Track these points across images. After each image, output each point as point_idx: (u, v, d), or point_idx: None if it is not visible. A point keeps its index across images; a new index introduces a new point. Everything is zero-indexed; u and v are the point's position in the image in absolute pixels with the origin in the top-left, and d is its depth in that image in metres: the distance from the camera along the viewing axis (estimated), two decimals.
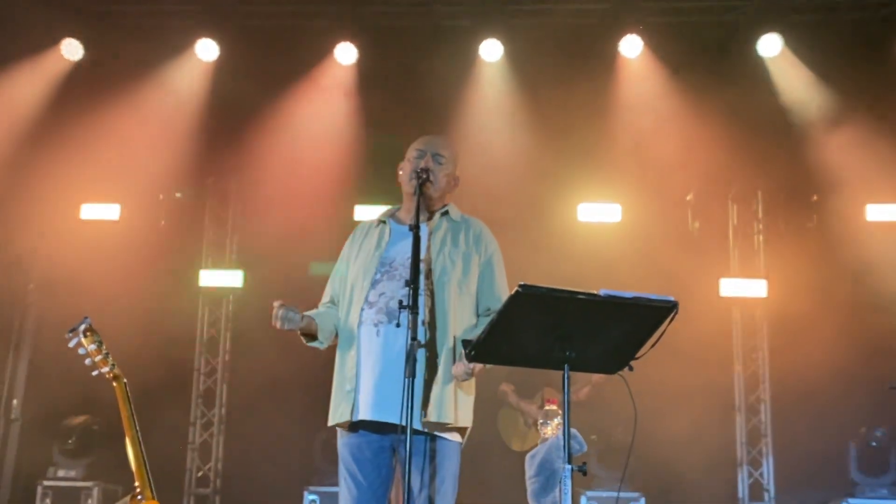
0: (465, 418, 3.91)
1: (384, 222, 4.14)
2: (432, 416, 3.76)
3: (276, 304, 3.86)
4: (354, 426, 3.88)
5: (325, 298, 4.21)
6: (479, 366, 3.75)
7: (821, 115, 8.85)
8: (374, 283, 3.93)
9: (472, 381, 3.91)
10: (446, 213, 4.12)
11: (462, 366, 3.74)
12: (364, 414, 3.81)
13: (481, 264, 4.04)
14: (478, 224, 4.15)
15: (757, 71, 8.85)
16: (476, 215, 4.23)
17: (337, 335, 4.07)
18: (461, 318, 3.92)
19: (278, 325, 3.84)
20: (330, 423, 3.96)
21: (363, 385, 3.84)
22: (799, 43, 8.71)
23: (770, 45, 8.74)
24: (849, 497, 8.46)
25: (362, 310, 3.91)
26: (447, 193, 4.16)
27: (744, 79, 8.80)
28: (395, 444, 3.82)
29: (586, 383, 8.31)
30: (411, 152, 4.14)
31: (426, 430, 3.77)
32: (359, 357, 3.88)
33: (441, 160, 4.09)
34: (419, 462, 3.74)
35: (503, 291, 4.02)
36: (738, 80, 8.78)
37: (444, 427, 3.81)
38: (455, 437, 3.88)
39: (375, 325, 3.85)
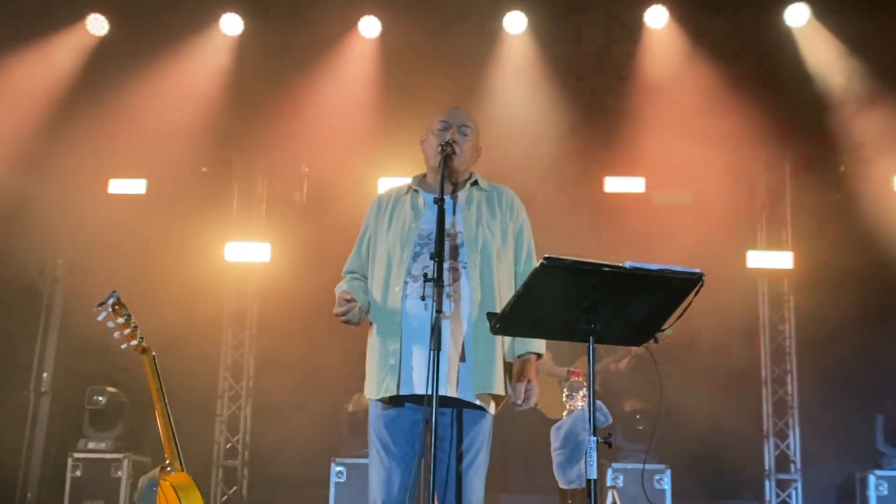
0: (502, 388, 3.91)
1: (416, 191, 4.10)
2: (483, 386, 3.79)
3: (347, 297, 3.86)
4: (397, 399, 3.86)
5: (352, 266, 4.16)
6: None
7: (848, 85, 8.76)
8: (414, 256, 3.90)
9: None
10: (475, 182, 4.11)
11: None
12: (418, 388, 3.78)
13: (515, 232, 4.05)
14: (509, 192, 4.14)
15: (784, 41, 8.77)
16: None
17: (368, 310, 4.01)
18: (503, 288, 3.92)
19: (341, 317, 3.86)
20: (374, 398, 3.91)
21: (415, 359, 3.81)
22: (826, 12, 8.62)
23: (797, 15, 8.66)
24: (876, 469, 8.44)
25: (405, 283, 3.87)
26: (471, 164, 4.15)
27: (771, 49, 8.72)
28: (429, 415, 3.82)
29: (626, 354, 8.24)
30: (435, 124, 4.10)
31: (478, 404, 3.80)
32: (403, 331, 3.85)
33: (466, 131, 4.08)
34: (451, 434, 3.78)
35: (533, 260, 4.02)
36: (764, 50, 8.70)
37: (488, 397, 3.84)
38: (490, 407, 3.90)
39: (423, 298, 3.76)
